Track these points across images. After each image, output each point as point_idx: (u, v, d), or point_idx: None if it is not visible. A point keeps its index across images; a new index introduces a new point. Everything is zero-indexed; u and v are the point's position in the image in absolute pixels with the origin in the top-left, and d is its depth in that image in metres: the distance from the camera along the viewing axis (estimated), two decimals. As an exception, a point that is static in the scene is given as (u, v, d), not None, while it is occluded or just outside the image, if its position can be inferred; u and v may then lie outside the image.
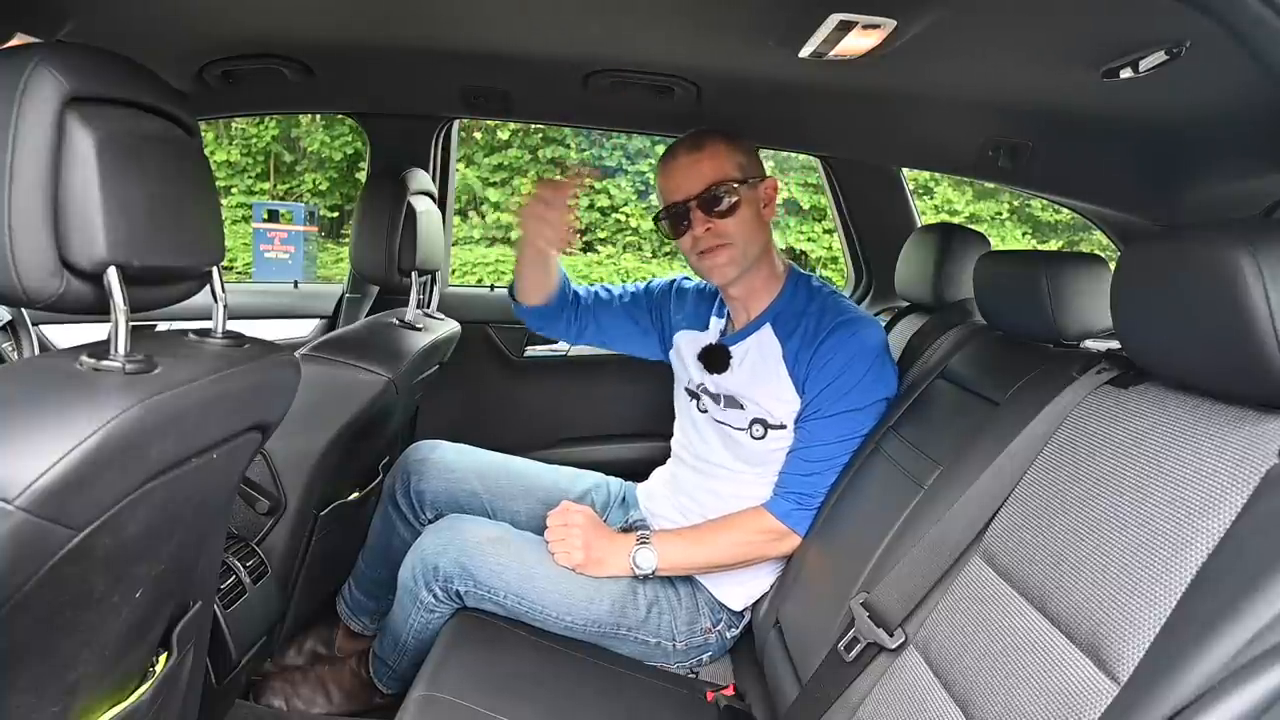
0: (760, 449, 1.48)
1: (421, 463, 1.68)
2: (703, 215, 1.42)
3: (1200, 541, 0.70)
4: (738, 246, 1.43)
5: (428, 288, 1.97)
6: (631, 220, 8.89)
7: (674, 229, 1.47)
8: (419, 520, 1.67)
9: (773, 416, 1.46)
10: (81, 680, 0.75)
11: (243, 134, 9.59)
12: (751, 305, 1.52)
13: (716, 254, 1.43)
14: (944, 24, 1.11)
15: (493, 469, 1.71)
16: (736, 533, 1.44)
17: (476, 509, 1.65)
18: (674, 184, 1.45)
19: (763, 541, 1.43)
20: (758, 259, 1.47)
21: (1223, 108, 1.26)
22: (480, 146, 8.96)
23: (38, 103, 0.64)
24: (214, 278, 0.85)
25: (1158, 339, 0.84)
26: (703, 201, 1.41)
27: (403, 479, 1.68)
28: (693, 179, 1.42)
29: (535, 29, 1.42)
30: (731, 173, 1.43)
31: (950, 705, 0.88)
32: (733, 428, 1.51)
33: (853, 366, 1.41)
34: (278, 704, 1.60)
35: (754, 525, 1.43)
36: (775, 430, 1.46)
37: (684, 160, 1.44)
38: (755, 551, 1.44)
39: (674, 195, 1.45)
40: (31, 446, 0.58)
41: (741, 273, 1.46)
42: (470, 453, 1.73)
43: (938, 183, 8.37)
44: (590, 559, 1.41)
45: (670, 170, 1.46)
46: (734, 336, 1.53)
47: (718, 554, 1.44)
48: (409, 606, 1.43)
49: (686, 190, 1.43)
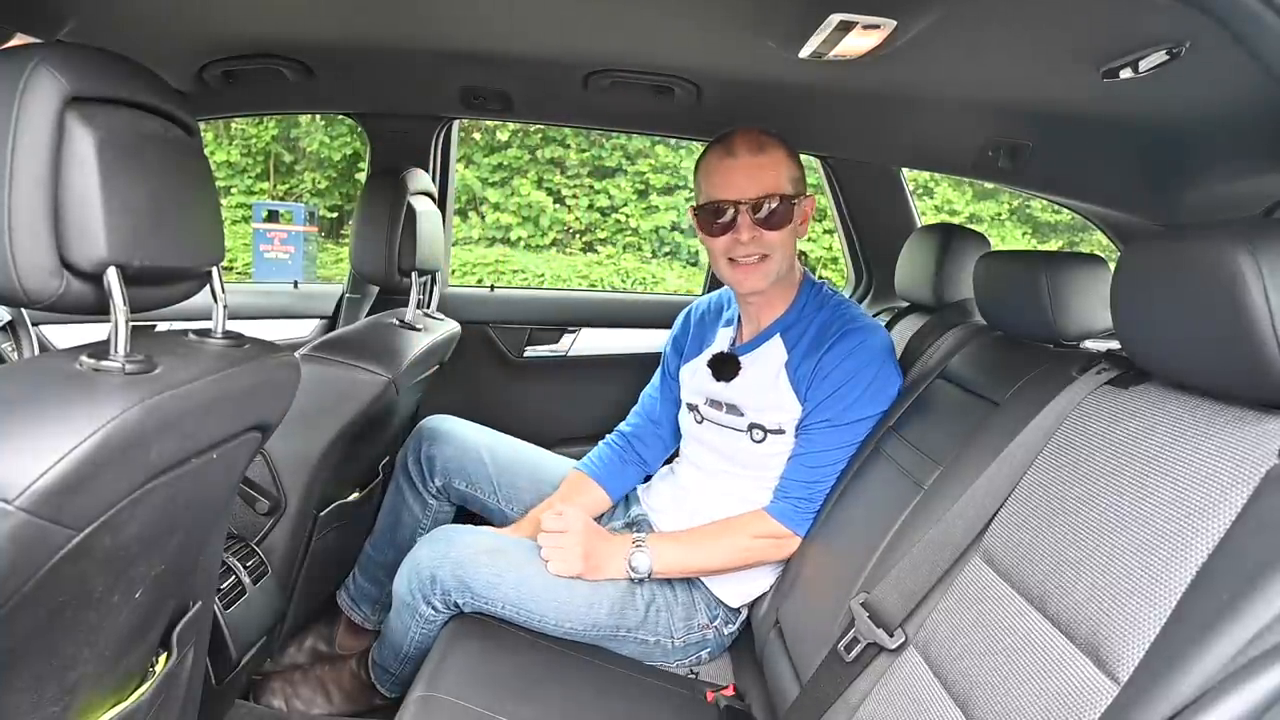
0: (759, 453, 1.48)
1: (435, 431, 1.74)
2: (751, 221, 1.38)
3: (1200, 541, 0.70)
4: (775, 260, 1.41)
5: (428, 288, 1.97)
6: (631, 220, 8.89)
7: (711, 226, 1.41)
8: (426, 488, 1.72)
9: (772, 422, 1.46)
10: (81, 680, 0.75)
11: (243, 134, 9.59)
12: (764, 316, 1.51)
13: (754, 268, 1.40)
14: (944, 24, 1.11)
15: (502, 446, 1.77)
16: (736, 537, 1.43)
17: (482, 479, 1.71)
18: (727, 181, 1.39)
19: (762, 546, 1.43)
20: (785, 273, 1.46)
21: (1223, 108, 1.26)
22: (480, 146, 8.96)
23: (38, 103, 0.64)
24: (214, 278, 0.84)
25: (1158, 339, 0.84)
26: (755, 208, 1.37)
27: (415, 446, 1.74)
28: (750, 183, 1.37)
29: (535, 29, 1.42)
30: (787, 186, 1.39)
31: (950, 705, 0.88)
32: (732, 430, 1.51)
33: (856, 377, 1.40)
34: (278, 704, 1.60)
35: (754, 529, 1.43)
36: (774, 435, 1.46)
37: (746, 161, 1.38)
38: (754, 556, 1.44)
39: (724, 193, 1.39)
40: (31, 447, 0.58)
41: (770, 285, 1.44)
42: (483, 430, 1.79)
43: (938, 183, 8.38)
44: (589, 565, 1.40)
45: (727, 167, 1.39)
46: (744, 346, 1.53)
47: (715, 557, 1.43)
48: (408, 620, 1.42)
49: (740, 191, 1.37)
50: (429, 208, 1.72)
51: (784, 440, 1.46)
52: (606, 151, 8.86)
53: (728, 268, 1.44)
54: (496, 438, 1.79)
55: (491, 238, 8.99)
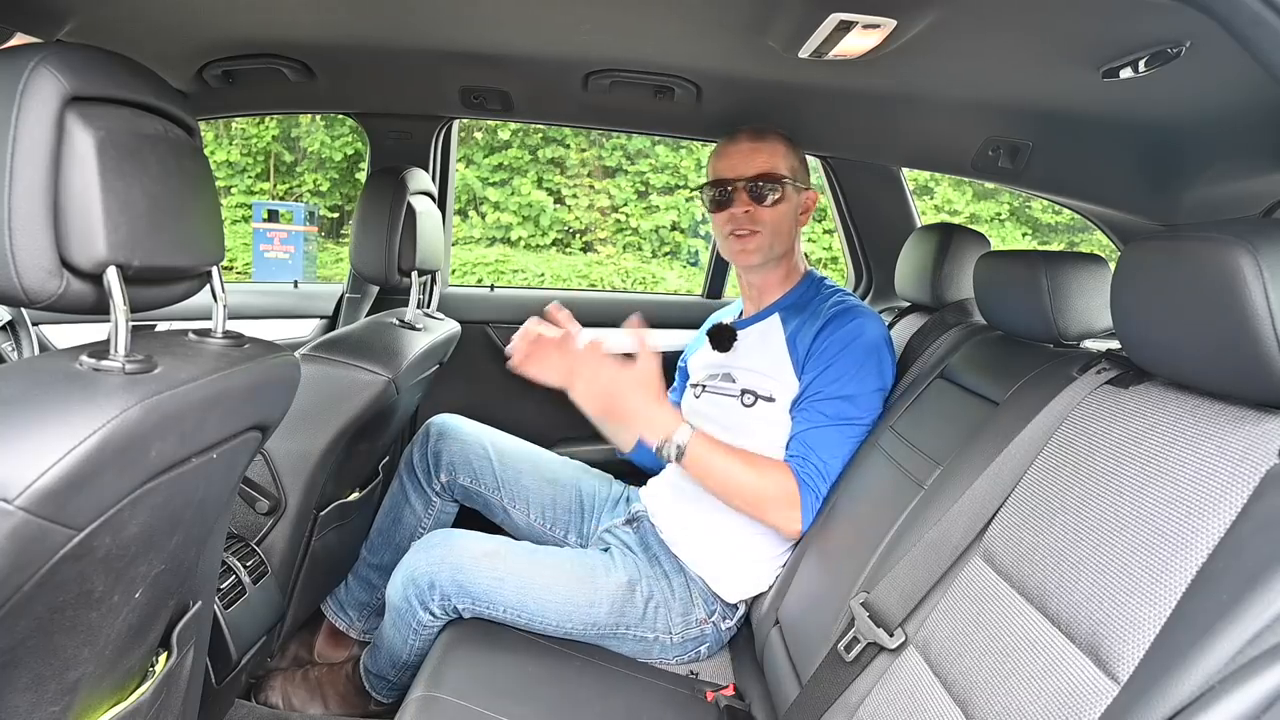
0: (749, 416, 1.52)
1: (443, 428, 1.77)
2: (746, 198, 1.53)
3: (1200, 541, 0.70)
4: (766, 237, 1.54)
5: (428, 288, 1.97)
6: (631, 220, 8.89)
7: (715, 203, 1.57)
8: (430, 485, 1.74)
9: (764, 389, 1.51)
10: (82, 680, 0.75)
11: (243, 134, 9.60)
12: (764, 296, 1.63)
13: (747, 239, 1.54)
14: (944, 24, 1.11)
15: (507, 444, 1.81)
16: (761, 471, 1.41)
17: (487, 475, 1.73)
18: (727, 164, 1.55)
19: (775, 493, 1.39)
20: (781, 257, 1.58)
21: (1223, 108, 1.26)
22: (480, 146, 8.97)
23: (38, 103, 0.64)
24: (214, 278, 0.84)
25: (1157, 339, 0.84)
26: (749, 186, 1.52)
27: (422, 442, 1.76)
28: (746, 164, 1.53)
29: (535, 29, 1.42)
30: (782, 171, 1.53)
31: (950, 705, 0.88)
32: (723, 395, 1.58)
33: (851, 349, 1.45)
34: (277, 704, 1.60)
35: (776, 474, 1.41)
36: (764, 402, 1.51)
37: (744, 145, 1.55)
38: (763, 502, 1.40)
39: (725, 173, 1.55)
40: (31, 446, 0.58)
41: (764, 262, 1.57)
42: (487, 429, 1.83)
43: (938, 183, 8.38)
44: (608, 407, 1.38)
45: (728, 151, 1.56)
46: (743, 322, 1.64)
47: (734, 478, 1.39)
48: (405, 630, 1.42)
49: (738, 171, 1.53)
50: (429, 207, 1.72)
51: (774, 409, 1.50)
52: (607, 151, 8.86)
53: (728, 241, 1.58)
54: (501, 436, 1.82)
55: (491, 238, 8.99)
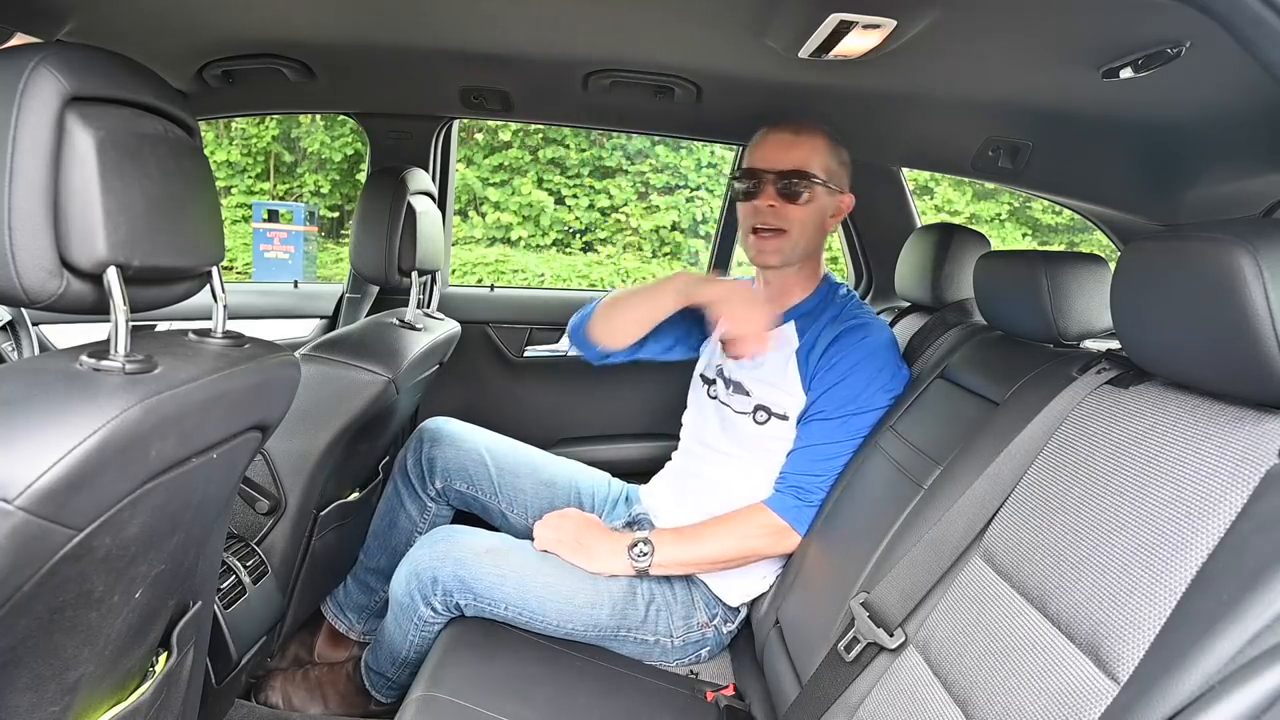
0: (759, 435, 1.49)
1: (436, 432, 1.74)
2: (773, 192, 1.45)
3: (1200, 541, 0.70)
4: (791, 237, 1.47)
5: (428, 288, 1.97)
6: (632, 220, 8.88)
7: (744, 194, 1.50)
8: (425, 491, 1.72)
9: (776, 406, 1.48)
10: (82, 680, 0.75)
11: (243, 134, 9.59)
12: (781, 300, 1.55)
13: (769, 239, 1.47)
14: (944, 24, 1.11)
15: (503, 448, 1.78)
16: (737, 528, 1.43)
17: (483, 480, 1.71)
18: (762, 154, 1.49)
19: (762, 537, 1.43)
20: (803, 259, 1.51)
21: (1223, 108, 1.26)
22: (480, 146, 8.96)
23: (38, 103, 0.64)
24: (214, 278, 0.85)
25: (1157, 339, 0.84)
26: (780, 179, 1.45)
27: (415, 448, 1.74)
28: (781, 157, 1.46)
29: (535, 29, 1.42)
30: (817, 170, 1.46)
31: (950, 705, 0.88)
32: (735, 411, 1.53)
33: (859, 370, 1.43)
34: (277, 704, 1.60)
35: (754, 521, 1.43)
36: (778, 420, 1.48)
37: (783, 137, 1.48)
38: (755, 549, 1.44)
39: (757, 163, 1.48)
40: (31, 446, 0.58)
41: (784, 264, 1.50)
42: (484, 432, 1.80)
43: (938, 183, 8.38)
44: (581, 550, 1.42)
45: (765, 141, 1.50)
46: None
47: (716, 550, 1.43)
48: (406, 625, 1.42)
49: (771, 163, 1.46)
50: (429, 207, 1.72)
51: (786, 427, 1.48)
52: (607, 151, 8.86)
53: (750, 237, 1.50)
54: (497, 439, 1.79)
55: (491, 238, 8.99)
